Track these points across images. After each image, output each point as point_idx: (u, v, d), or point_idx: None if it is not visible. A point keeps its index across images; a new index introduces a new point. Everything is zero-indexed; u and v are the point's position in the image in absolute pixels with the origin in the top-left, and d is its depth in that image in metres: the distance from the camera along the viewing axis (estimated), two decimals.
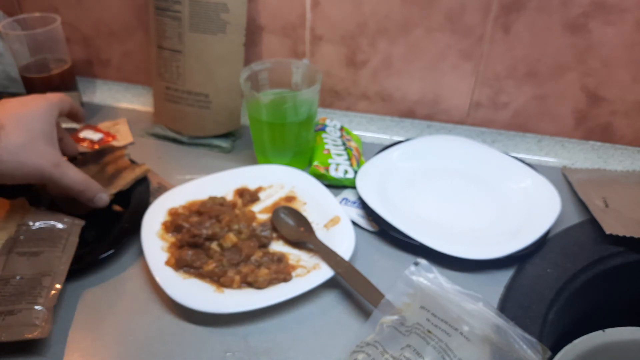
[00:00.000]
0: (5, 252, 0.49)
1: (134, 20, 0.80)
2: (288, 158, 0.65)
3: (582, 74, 0.67)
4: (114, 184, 0.59)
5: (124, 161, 0.62)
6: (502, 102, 0.72)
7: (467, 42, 0.68)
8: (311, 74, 0.64)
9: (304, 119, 0.62)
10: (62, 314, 0.48)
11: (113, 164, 0.62)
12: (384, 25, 0.70)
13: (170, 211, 0.57)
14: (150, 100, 0.81)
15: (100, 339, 0.45)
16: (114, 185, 0.59)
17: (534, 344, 0.39)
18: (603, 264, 0.53)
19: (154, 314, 0.48)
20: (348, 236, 0.53)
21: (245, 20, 0.67)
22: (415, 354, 0.39)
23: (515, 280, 0.50)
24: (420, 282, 0.45)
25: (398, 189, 0.62)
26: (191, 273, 0.50)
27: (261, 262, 0.51)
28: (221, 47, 0.67)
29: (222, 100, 0.70)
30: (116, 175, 0.60)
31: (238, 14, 0.66)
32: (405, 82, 0.74)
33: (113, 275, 0.52)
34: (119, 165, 0.62)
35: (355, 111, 0.79)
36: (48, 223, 0.53)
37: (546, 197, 0.59)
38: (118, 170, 0.61)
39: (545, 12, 0.63)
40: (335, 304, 0.49)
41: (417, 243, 0.53)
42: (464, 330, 0.40)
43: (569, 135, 0.72)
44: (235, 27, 0.67)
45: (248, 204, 0.60)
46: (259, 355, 0.44)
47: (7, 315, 0.43)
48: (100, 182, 0.57)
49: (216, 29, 0.66)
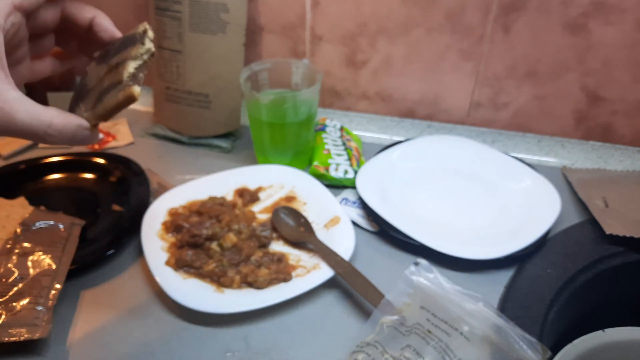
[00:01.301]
0: (6, 252, 0.49)
1: (134, 20, 0.80)
2: (288, 158, 0.65)
3: (582, 74, 0.67)
4: (95, 109, 0.39)
5: (124, 69, 0.38)
6: (502, 102, 0.72)
7: (467, 42, 0.68)
8: (311, 74, 0.64)
9: (304, 119, 0.62)
10: (62, 314, 0.48)
11: (114, 73, 0.39)
12: (384, 25, 0.70)
13: (170, 211, 0.57)
14: (150, 100, 0.81)
15: (100, 339, 0.45)
16: (95, 112, 0.39)
17: (534, 344, 0.39)
18: (603, 264, 0.53)
19: (154, 314, 0.48)
20: (348, 236, 0.53)
21: (245, 20, 0.67)
22: (415, 354, 0.39)
23: (515, 280, 0.50)
24: (420, 282, 0.45)
25: (398, 189, 0.62)
26: (191, 273, 0.50)
27: (261, 262, 0.51)
28: (221, 47, 0.67)
29: (222, 100, 0.70)
30: (104, 94, 0.39)
31: (238, 14, 0.66)
32: (405, 82, 0.74)
33: (113, 275, 0.52)
34: (118, 73, 0.38)
35: (355, 111, 0.79)
36: (48, 223, 0.53)
37: (546, 197, 0.59)
38: (110, 86, 0.39)
39: (545, 12, 0.63)
40: (335, 304, 0.49)
41: (417, 243, 0.53)
42: (464, 330, 0.40)
43: (569, 135, 0.72)
44: (235, 28, 0.67)
45: (248, 204, 0.60)
46: (259, 355, 0.44)
47: (7, 315, 0.43)
48: (90, 96, 0.40)
49: (216, 29, 0.66)
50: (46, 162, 0.66)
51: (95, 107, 0.39)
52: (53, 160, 0.66)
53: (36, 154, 0.70)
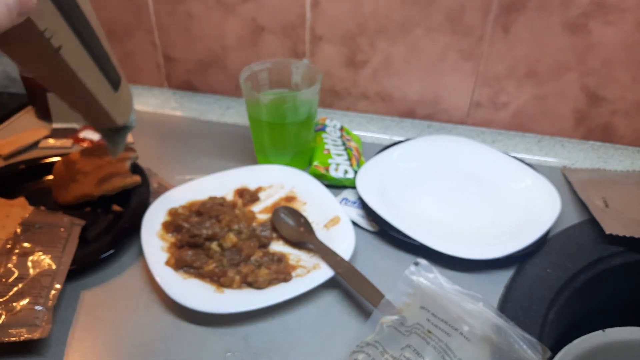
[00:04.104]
0: (6, 252, 0.49)
1: (134, 20, 0.80)
2: (288, 158, 0.65)
3: (582, 74, 0.67)
4: (101, 186, 0.59)
5: (123, 166, 0.61)
6: (502, 102, 0.72)
7: (467, 42, 0.68)
8: (311, 74, 0.64)
9: (304, 119, 0.62)
10: (62, 314, 0.48)
11: (111, 165, 0.61)
12: (384, 25, 0.70)
13: (170, 211, 0.57)
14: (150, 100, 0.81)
15: (100, 339, 0.45)
16: (99, 188, 0.59)
17: (534, 344, 0.39)
18: (603, 264, 0.53)
19: (154, 314, 0.48)
20: (348, 236, 0.53)
21: None
22: (415, 354, 0.39)
23: (515, 280, 0.50)
24: (420, 282, 0.45)
25: (398, 189, 0.62)
26: (191, 273, 0.50)
27: (261, 262, 0.51)
28: None
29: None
30: (108, 178, 0.60)
31: None
32: (405, 82, 0.74)
33: (113, 275, 0.52)
34: (117, 168, 0.61)
35: (355, 111, 0.79)
36: (48, 223, 0.53)
37: (546, 197, 0.59)
38: (111, 174, 0.60)
39: (545, 12, 0.63)
40: (335, 304, 0.49)
41: (417, 243, 0.53)
42: (464, 330, 0.40)
43: (569, 135, 0.72)
44: None
45: (248, 204, 0.60)
46: (259, 355, 0.44)
47: (7, 315, 0.43)
48: (92, 179, 0.57)
49: None
50: (46, 162, 0.66)
51: (99, 186, 0.59)
52: (53, 160, 0.66)
53: (36, 154, 0.70)
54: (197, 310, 0.46)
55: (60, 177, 0.62)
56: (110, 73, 0.43)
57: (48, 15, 0.32)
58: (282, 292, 0.48)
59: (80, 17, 0.37)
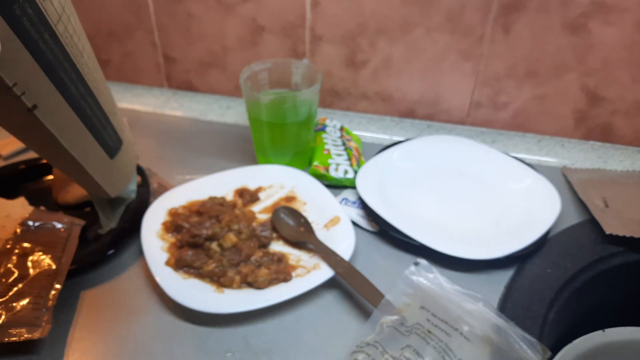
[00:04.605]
0: (6, 252, 0.49)
1: (134, 20, 0.80)
2: (288, 158, 0.65)
3: (582, 74, 0.67)
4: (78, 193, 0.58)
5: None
6: (502, 102, 0.72)
7: (467, 42, 0.68)
8: (311, 74, 0.64)
9: (304, 119, 0.62)
10: (62, 314, 0.47)
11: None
12: (384, 25, 0.70)
13: (170, 211, 0.57)
14: (150, 100, 0.81)
15: (100, 339, 0.45)
16: (72, 194, 0.58)
17: (534, 344, 0.39)
18: (603, 264, 0.53)
19: (154, 314, 0.48)
20: (348, 236, 0.53)
21: None
22: (415, 354, 0.39)
23: (515, 280, 0.50)
24: (420, 282, 0.45)
25: (398, 189, 0.62)
26: (191, 273, 0.50)
27: (261, 262, 0.51)
28: None
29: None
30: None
31: None
32: (405, 82, 0.74)
33: (113, 275, 0.52)
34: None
35: (355, 111, 0.79)
36: (48, 223, 0.53)
37: (546, 197, 0.59)
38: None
39: (545, 12, 0.63)
40: (335, 304, 0.49)
41: (417, 243, 0.53)
42: (464, 330, 0.40)
43: (569, 135, 0.72)
44: None
45: (248, 204, 0.60)
46: (259, 355, 0.44)
47: (7, 315, 0.43)
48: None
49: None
50: (46, 162, 0.66)
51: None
52: None
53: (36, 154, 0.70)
54: (197, 310, 0.46)
55: (60, 177, 0.62)
56: (106, 138, 0.35)
57: (19, 66, 0.24)
58: (282, 292, 0.48)
59: (69, 69, 0.28)
